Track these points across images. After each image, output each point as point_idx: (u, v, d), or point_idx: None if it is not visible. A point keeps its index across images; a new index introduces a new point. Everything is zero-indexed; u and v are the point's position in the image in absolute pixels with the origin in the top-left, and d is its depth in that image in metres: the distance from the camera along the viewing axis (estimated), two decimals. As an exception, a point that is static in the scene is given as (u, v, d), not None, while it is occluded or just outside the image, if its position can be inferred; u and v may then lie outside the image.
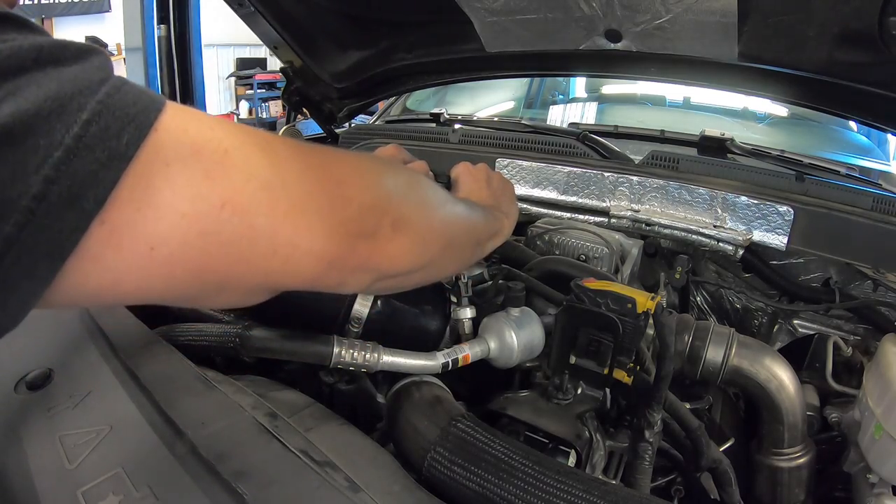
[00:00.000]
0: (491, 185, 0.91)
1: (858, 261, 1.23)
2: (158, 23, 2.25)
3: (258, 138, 0.44)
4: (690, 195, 1.36)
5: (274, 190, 0.42)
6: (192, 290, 0.42)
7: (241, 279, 0.43)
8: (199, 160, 0.38)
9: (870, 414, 0.94)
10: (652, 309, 0.84)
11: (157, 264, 0.37)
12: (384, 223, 0.51)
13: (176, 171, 0.37)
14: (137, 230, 0.36)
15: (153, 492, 0.60)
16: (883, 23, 0.96)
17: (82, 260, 0.34)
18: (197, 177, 0.38)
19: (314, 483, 0.63)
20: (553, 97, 2.67)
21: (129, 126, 0.34)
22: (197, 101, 2.38)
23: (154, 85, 2.30)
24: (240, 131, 0.43)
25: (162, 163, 0.36)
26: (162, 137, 0.36)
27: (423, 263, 0.59)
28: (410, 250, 0.55)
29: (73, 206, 0.32)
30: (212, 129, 0.40)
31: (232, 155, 0.40)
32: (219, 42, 8.76)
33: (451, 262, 0.73)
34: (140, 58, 2.30)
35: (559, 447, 0.82)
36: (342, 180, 0.49)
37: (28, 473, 0.65)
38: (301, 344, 0.80)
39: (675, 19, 1.16)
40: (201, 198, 0.38)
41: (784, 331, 1.34)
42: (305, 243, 0.44)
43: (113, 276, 0.37)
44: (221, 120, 0.43)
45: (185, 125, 0.38)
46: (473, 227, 0.73)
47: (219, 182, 0.39)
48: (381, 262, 0.52)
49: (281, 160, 0.44)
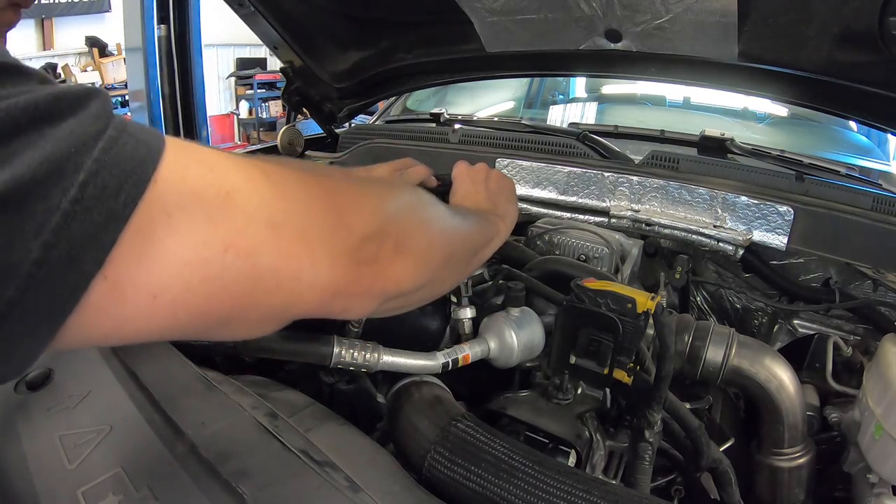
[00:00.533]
0: (488, 186, 0.91)
1: (858, 261, 1.23)
2: (158, 23, 2.25)
3: (260, 173, 0.43)
4: (690, 195, 1.35)
5: (277, 227, 0.42)
6: (196, 328, 0.42)
7: (246, 316, 0.43)
8: (200, 206, 0.38)
9: (870, 414, 0.94)
10: (652, 309, 0.84)
11: (161, 310, 0.38)
12: (386, 248, 0.52)
13: (178, 219, 0.37)
14: (140, 281, 0.36)
15: (153, 492, 0.60)
16: (883, 23, 0.96)
17: (85, 314, 0.34)
18: (199, 223, 0.38)
19: (314, 483, 0.63)
20: (553, 97, 2.67)
21: (127, 183, 0.34)
22: (197, 101, 2.38)
23: (154, 85, 2.29)
24: (240, 168, 0.42)
25: (163, 213, 0.36)
26: (161, 188, 0.35)
27: (424, 282, 0.60)
28: (412, 271, 0.56)
29: (72, 267, 0.32)
30: (212, 170, 0.40)
31: (234, 196, 0.40)
32: (219, 42, 8.75)
33: (451, 276, 0.74)
34: (140, 58, 2.30)
35: (559, 447, 0.82)
36: (344, 209, 0.49)
37: (28, 473, 0.65)
38: (301, 344, 0.80)
39: (675, 19, 1.16)
40: (204, 244, 0.38)
41: (784, 331, 1.34)
42: (309, 276, 0.45)
43: (118, 323, 0.37)
44: (221, 155, 0.42)
45: (184, 171, 0.38)
46: (469, 238, 0.74)
47: (221, 226, 0.39)
48: (385, 286, 0.53)
49: (283, 194, 0.44)
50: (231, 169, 0.42)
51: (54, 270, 0.31)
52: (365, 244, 0.50)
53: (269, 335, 0.82)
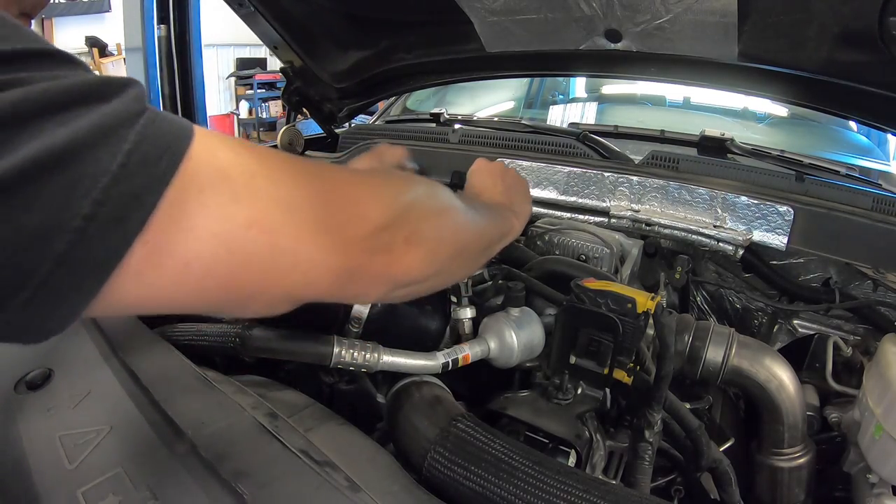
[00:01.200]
0: (505, 182, 0.93)
1: (858, 261, 1.23)
2: (158, 23, 2.25)
3: (281, 161, 0.47)
4: (690, 195, 1.36)
5: (296, 211, 0.46)
6: (220, 300, 0.46)
7: (265, 291, 0.46)
8: (227, 184, 0.42)
9: (870, 414, 0.94)
10: (652, 309, 0.84)
11: (191, 279, 0.41)
12: (398, 238, 0.54)
13: (207, 194, 0.40)
14: (175, 249, 0.39)
15: (153, 492, 0.60)
16: (883, 23, 0.96)
17: (125, 276, 0.37)
18: (226, 199, 0.41)
19: (314, 483, 0.63)
20: (553, 97, 2.67)
21: (166, 154, 0.38)
22: (197, 101, 2.38)
23: (154, 85, 2.29)
24: (264, 155, 0.46)
25: (195, 188, 0.39)
26: (194, 164, 0.39)
27: (434, 272, 0.62)
28: (423, 261, 0.58)
29: (118, 226, 0.36)
30: (238, 154, 0.44)
31: (257, 179, 0.44)
32: (219, 42, 8.75)
33: (462, 268, 0.76)
34: (140, 58, 2.30)
35: (559, 447, 0.82)
36: (359, 200, 0.52)
37: (28, 473, 0.65)
38: (301, 344, 0.80)
39: (675, 19, 1.16)
40: (230, 219, 0.42)
41: (784, 331, 1.34)
42: (323, 260, 0.48)
43: (151, 290, 0.40)
44: (245, 143, 0.46)
45: (213, 151, 0.42)
46: (483, 232, 0.76)
47: (245, 204, 0.42)
48: (396, 274, 0.55)
49: (303, 182, 0.48)
50: (256, 156, 0.45)
51: (102, 227, 0.35)
52: (378, 233, 0.52)
53: (270, 335, 0.83)
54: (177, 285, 0.41)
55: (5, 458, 0.69)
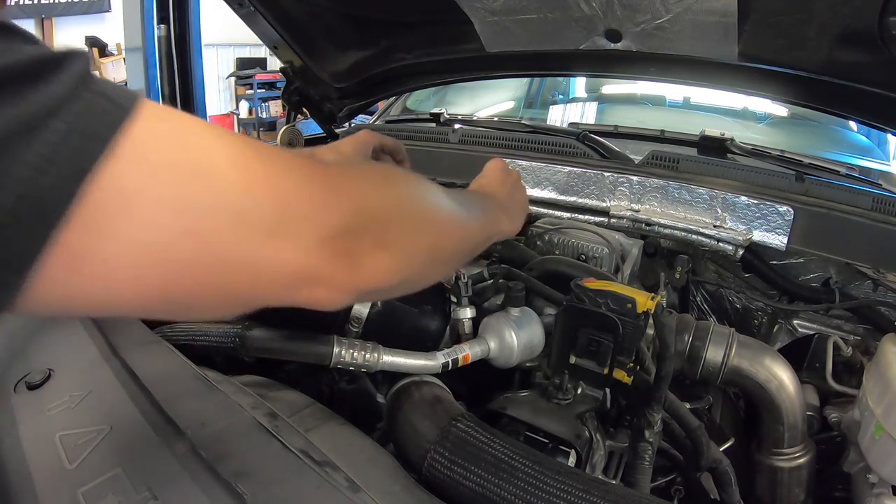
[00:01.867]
0: (513, 183, 0.91)
1: (858, 261, 1.23)
2: (158, 23, 2.25)
3: (233, 154, 0.42)
4: (690, 195, 1.35)
5: (244, 213, 0.41)
6: (162, 307, 0.42)
7: (209, 299, 0.43)
8: (164, 183, 0.37)
9: (870, 414, 0.94)
10: (652, 309, 0.84)
11: (121, 286, 0.38)
12: (364, 243, 0.49)
13: (136, 199, 0.36)
14: (95, 255, 0.36)
15: (153, 492, 0.60)
16: (883, 23, 0.96)
17: (45, 278, 0.35)
18: (160, 201, 0.37)
19: (314, 483, 0.63)
20: (553, 97, 2.67)
21: (93, 146, 0.34)
22: (197, 101, 2.38)
23: (154, 85, 2.29)
24: (220, 144, 0.41)
25: (121, 191, 0.35)
26: (123, 165, 0.35)
27: (405, 278, 0.57)
28: (391, 269, 0.53)
29: (35, 226, 0.33)
30: (185, 144, 0.39)
31: (201, 176, 0.39)
32: (219, 42, 8.75)
33: (439, 272, 0.70)
34: (140, 58, 2.29)
35: (559, 447, 0.82)
36: (323, 198, 0.46)
37: (28, 473, 0.65)
38: (301, 344, 0.80)
39: (675, 19, 1.16)
40: (161, 227, 0.37)
41: (784, 331, 1.34)
42: (275, 266, 0.43)
43: (75, 291, 0.37)
44: (200, 128, 0.41)
45: (152, 144, 0.37)
46: (468, 235, 0.71)
47: (180, 212, 0.38)
48: (360, 282, 0.50)
49: (255, 179, 0.42)
50: (208, 144, 0.40)
51: (23, 220, 0.32)
52: (340, 237, 0.47)
53: (270, 335, 0.83)
54: (105, 291, 0.38)
55: (5, 458, 0.69)
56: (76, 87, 0.34)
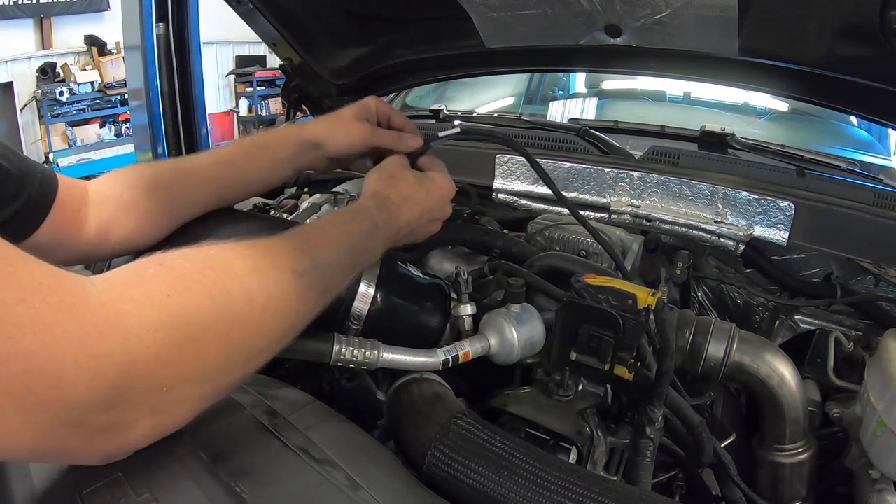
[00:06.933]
0: (429, 185, 0.89)
1: (860, 256, 1.23)
2: (157, 21, 2.24)
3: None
4: (691, 190, 1.35)
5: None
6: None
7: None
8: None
9: (871, 409, 0.94)
10: (653, 305, 0.84)
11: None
12: (134, 413, 0.40)
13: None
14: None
15: (153, 493, 0.60)
16: (884, 17, 0.95)
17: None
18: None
19: (314, 481, 0.62)
20: (553, 93, 2.67)
21: None
22: (196, 99, 2.38)
23: (153, 83, 2.29)
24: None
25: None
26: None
27: (203, 407, 0.50)
28: (178, 422, 0.46)
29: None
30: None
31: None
32: (218, 40, 8.75)
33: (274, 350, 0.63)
34: (139, 56, 2.29)
35: (560, 444, 0.82)
36: (54, 369, 0.35)
37: (28, 474, 0.65)
38: (301, 341, 0.79)
39: (675, 14, 1.15)
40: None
41: (785, 326, 1.33)
42: (9, 439, 0.36)
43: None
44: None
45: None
46: (319, 291, 0.65)
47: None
48: (127, 447, 0.44)
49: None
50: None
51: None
52: (93, 413, 0.37)
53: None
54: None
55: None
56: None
